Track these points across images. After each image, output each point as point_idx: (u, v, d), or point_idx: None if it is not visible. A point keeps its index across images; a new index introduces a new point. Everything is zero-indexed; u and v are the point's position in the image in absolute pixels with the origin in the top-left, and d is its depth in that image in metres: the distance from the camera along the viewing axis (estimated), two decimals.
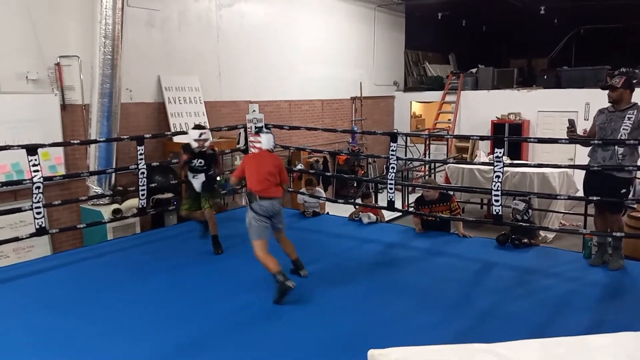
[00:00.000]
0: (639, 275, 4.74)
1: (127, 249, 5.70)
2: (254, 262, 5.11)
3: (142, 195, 6.16)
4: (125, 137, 6.57)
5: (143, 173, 6.11)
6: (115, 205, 6.88)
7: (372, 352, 1.89)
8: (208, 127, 5.93)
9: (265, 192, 4.46)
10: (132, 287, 4.56)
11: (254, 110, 7.32)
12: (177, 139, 7.88)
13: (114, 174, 7.09)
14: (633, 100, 4.76)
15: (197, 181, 5.55)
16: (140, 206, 6.22)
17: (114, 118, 6.96)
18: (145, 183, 6.14)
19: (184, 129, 7.86)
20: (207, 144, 5.58)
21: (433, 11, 14.11)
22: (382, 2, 13.10)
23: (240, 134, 7.53)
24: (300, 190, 7.22)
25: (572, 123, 5.09)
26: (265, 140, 4.71)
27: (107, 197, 6.96)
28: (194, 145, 5.50)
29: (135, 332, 3.69)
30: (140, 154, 6.09)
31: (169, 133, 7.54)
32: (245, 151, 7.29)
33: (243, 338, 3.62)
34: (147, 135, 6.54)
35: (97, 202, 6.97)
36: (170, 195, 7.43)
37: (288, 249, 4.73)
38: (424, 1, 12.94)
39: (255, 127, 6.27)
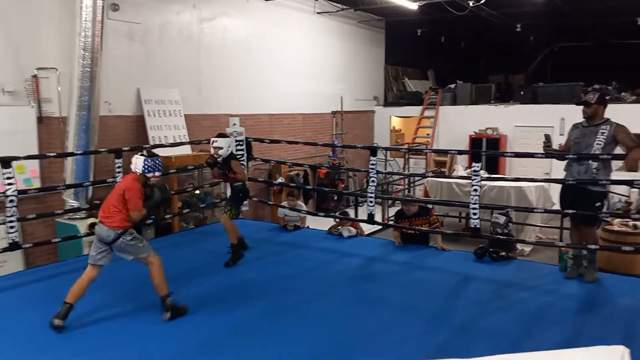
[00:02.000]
0: (613, 288, 4.81)
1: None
2: (231, 277, 5.11)
3: None
4: (103, 150, 6.50)
5: None
6: (92, 219, 6.76)
7: None
8: (229, 136, 5.99)
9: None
10: (107, 303, 4.47)
11: (234, 124, 7.30)
12: (156, 151, 7.79)
13: (91, 187, 7.00)
14: (606, 115, 4.88)
15: (229, 189, 5.72)
16: None
17: (92, 131, 6.89)
18: None
19: (163, 142, 7.84)
20: (220, 152, 5.48)
21: (412, 27, 14.33)
22: (363, 19, 13.27)
23: None
24: (281, 204, 7.21)
25: (548, 138, 5.19)
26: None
27: (84, 211, 6.85)
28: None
29: (109, 349, 3.62)
30: (118, 167, 6.02)
31: (147, 146, 7.45)
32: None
33: (216, 355, 3.57)
34: (126, 148, 6.47)
35: (74, 216, 6.85)
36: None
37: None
38: (403, 18, 13.13)
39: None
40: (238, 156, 7.04)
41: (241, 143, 7.09)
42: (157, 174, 4.30)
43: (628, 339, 3.66)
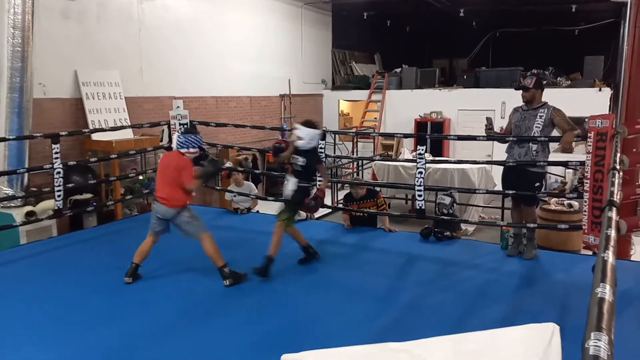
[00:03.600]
0: (550, 264, 5.05)
1: (42, 254, 5.36)
2: (179, 263, 5.00)
3: (58, 196, 5.82)
4: (38, 134, 6.17)
5: (59, 173, 5.77)
6: (29, 208, 6.45)
7: (285, 357, 1.88)
8: (320, 126, 4.89)
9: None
10: (45, 294, 4.28)
11: (178, 107, 7.10)
12: (96, 136, 7.53)
13: (26, 174, 6.64)
14: (543, 99, 5.08)
15: (287, 185, 4.69)
16: (56, 208, 5.88)
17: (25, 114, 6.51)
18: (61, 183, 5.80)
19: (103, 126, 7.54)
20: (299, 143, 4.56)
21: (359, 11, 14.35)
22: (309, 1, 13.16)
23: (163, 130, 7.28)
24: (228, 189, 7.12)
25: (489, 121, 5.36)
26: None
27: (19, 199, 6.51)
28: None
29: (44, 341, 3.47)
30: (56, 153, 5.74)
31: (86, 130, 7.18)
32: (169, 149, 7.06)
33: (165, 343, 3.50)
34: (63, 133, 6.18)
35: (8, 205, 6.49)
36: (89, 195, 7.08)
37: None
38: (349, 0, 13.12)
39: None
40: None
41: (185, 126, 6.91)
42: (191, 149, 4.44)
43: (563, 311, 3.87)
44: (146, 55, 8.91)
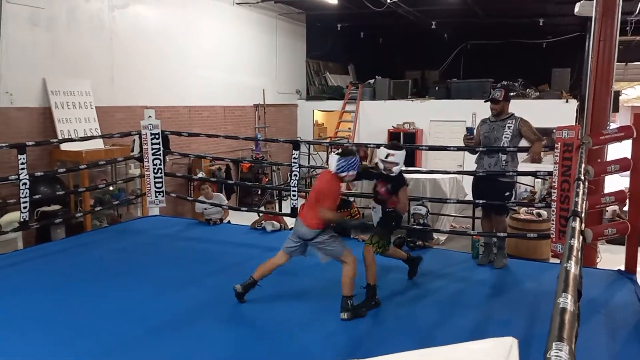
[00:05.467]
0: (520, 272, 5.13)
1: (5, 268, 5.19)
2: (149, 276, 4.91)
3: (24, 207, 5.67)
4: (3, 144, 6.00)
5: (25, 184, 5.63)
6: None
7: None
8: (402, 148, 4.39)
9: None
10: (9, 307, 4.16)
11: (149, 116, 7.01)
12: (65, 146, 7.38)
13: None
14: (512, 110, 5.20)
15: (376, 214, 4.46)
16: (22, 220, 5.72)
17: None
18: (27, 195, 5.65)
19: (73, 136, 7.40)
20: (394, 169, 4.20)
21: (332, 22, 14.49)
22: (283, 11, 13.21)
23: (134, 140, 7.19)
24: (198, 199, 7.05)
25: (470, 131, 5.45)
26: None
27: None
28: (380, 166, 4.25)
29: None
30: (22, 163, 5.60)
31: (55, 140, 7.02)
32: (140, 159, 6.98)
33: (127, 355, 3.42)
34: (30, 143, 6.02)
35: None
36: (57, 207, 6.92)
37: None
38: (323, 12, 13.23)
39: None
40: (153, 150, 6.80)
41: (157, 136, 6.84)
42: (351, 173, 4.06)
43: (532, 320, 3.92)
44: (118, 63, 8.79)
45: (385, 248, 4.44)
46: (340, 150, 4.10)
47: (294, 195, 6.37)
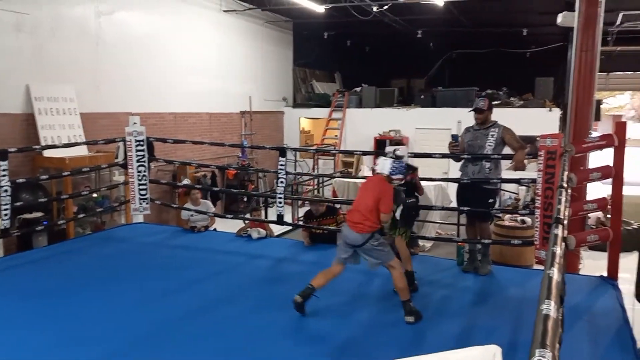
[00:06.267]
0: (504, 279, 5.17)
1: None
2: (134, 284, 4.86)
3: (6, 215, 5.58)
4: None
5: (7, 191, 5.55)
6: None
7: None
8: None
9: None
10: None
11: (134, 123, 6.96)
12: (48, 153, 7.29)
13: None
14: (496, 118, 5.26)
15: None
16: (3, 227, 5.63)
17: None
18: (8, 202, 5.57)
19: (56, 142, 7.32)
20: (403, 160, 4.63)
21: (319, 30, 14.55)
22: (270, 19, 13.25)
23: (119, 147, 7.13)
24: (184, 207, 7.00)
25: (455, 138, 5.49)
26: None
27: None
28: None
29: None
30: (4, 170, 5.52)
31: (37, 147, 6.93)
32: (125, 166, 6.92)
33: None
34: (12, 149, 5.94)
35: None
36: (39, 214, 6.82)
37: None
38: (310, 20, 13.28)
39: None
40: (138, 157, 6.76)
41: (142, 143, 6.79)
42: (399, 176, 4.31)
43: (517, 326, 3.95)
44: (103, 70, 8.73)
45: (409, 236, 4.83)
46: (393, 154, 4.41)
47: (280, 203, 6.36)
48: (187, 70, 10.67)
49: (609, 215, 5.67)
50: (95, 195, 7.94)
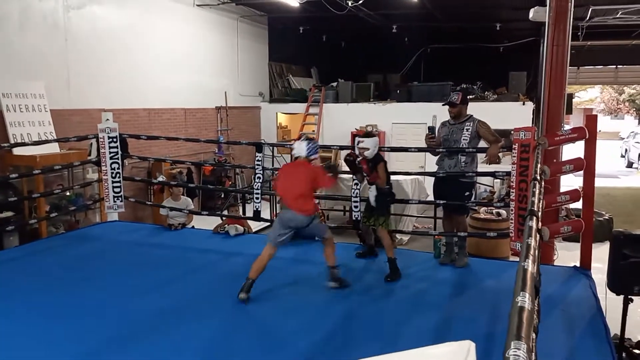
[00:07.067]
0: (481, 271, 5.24)
1: None
2: (109, 283, 4.78)
3: None
4: None
5: None
6: None
7: None
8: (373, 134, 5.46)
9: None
10: None
11: (107, 119, 6.83)
12: (18, 150, 7.10)
13: None
14: (471, 112, 5.31)
15: (371, 194, 5.06)
16: None
17: None
18: None
19: (26, 140, 7.14)
20: (367, 153, 4.92)
21: (294, 25, 14.47)
22: (245, 13, 13.12)
23: (92, 144, 6.98)
24: (162, 204, 6.91)
25: (432, 130, 5.53)
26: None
27: None
28: (356, 152, 5.05)
29: None
30: None
31: (6, 145, 6.75)
32: (98, 163, 6.79)
33: None
34: None
35: None
36: (9, 213, 6.65)
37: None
38: (285, 14, 13.20)
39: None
40: (111, 154, 6.64)
41: (115, 140, 6.66)
42: (316, 156, 4.62)
43: (494, 317, 4.00)
44: (73, 65, 8.53)
45: (388, 222, 5.10)
46: (304, 138, 4.71)
47: (257, 198, 6.33)
48: (161, 66, 10.50)
49: (574, 206, 5.80)
50: (68, 193, 7.77)
